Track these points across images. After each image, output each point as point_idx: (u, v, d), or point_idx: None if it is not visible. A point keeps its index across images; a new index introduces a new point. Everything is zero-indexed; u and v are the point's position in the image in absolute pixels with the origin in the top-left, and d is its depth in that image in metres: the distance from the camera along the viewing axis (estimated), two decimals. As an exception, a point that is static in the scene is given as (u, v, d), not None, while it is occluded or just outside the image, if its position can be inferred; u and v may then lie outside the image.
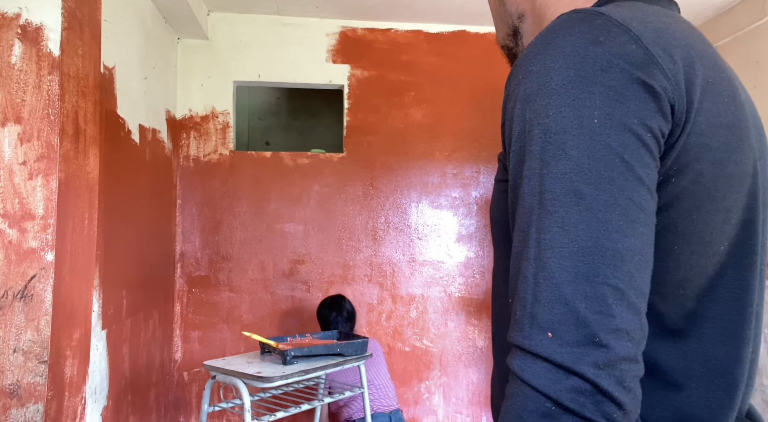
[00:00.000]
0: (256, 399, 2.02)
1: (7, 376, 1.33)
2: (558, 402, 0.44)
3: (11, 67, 1.37)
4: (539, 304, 0.46)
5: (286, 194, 2.87)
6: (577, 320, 0.45)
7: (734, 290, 0.53)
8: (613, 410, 0.44)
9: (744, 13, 2.65)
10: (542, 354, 0.45)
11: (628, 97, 0.47)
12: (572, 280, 0.45)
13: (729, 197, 0.52)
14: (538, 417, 0.45)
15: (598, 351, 0.44)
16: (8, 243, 1.35)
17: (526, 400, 0.46)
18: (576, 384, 0.44)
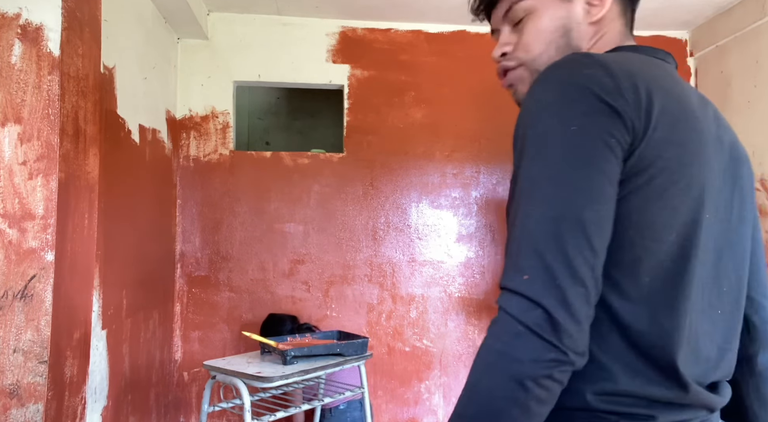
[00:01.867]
0: (256, 399, 2.02)
1: (7, 376, 1.32)
2: (526, 325, 0.61)
3: (11, 67, 1.37)
4: (521, 256, 0.64)
5: (286, 194, 2.87)
6: (545, 267, 0.62)
7: (678, 272, 0.69)
8: (564, 336, 0.60)
9: (744, 13, 2.65)
10: (518, 290, 0.63)
11: (598, 114, 0.65)
12: (544, 239, 0.63)
13: (676, 198, 0.67)
14: (511, 336, 0.62)
15: (557, 291, 0.61)
16: (8, 243, 1.35)
17: (505, 324, 0.63)
18: (539, 314, 0.61)
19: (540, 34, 0.84)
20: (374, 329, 2.89)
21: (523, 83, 0.86)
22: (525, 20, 0.85)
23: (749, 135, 2.65)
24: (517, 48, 0.85)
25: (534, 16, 0.84)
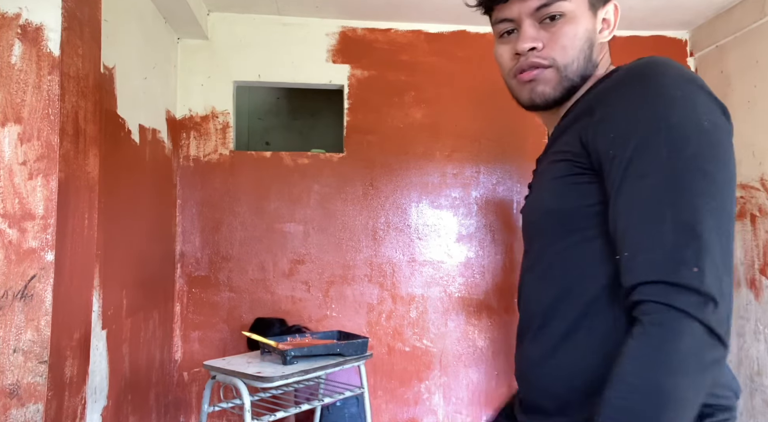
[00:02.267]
0: (256, 399, 2.02)
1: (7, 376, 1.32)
2: (703, 322, 0.61)
3: (11, 67, 1.37)
4: (686, 247, 0.63)
5: (286, 194, 2.87)
6: (712, 259, 0.62)
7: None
8: (727, 332, 0.62)
9: (744, 13, 2.65)
10: (688, 284, 0.61)
11: (719, 112, 0.72)
12: (710, 230, 0.63)
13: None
14: (692, 336, 0.61)
15: (721, 283, 0.62)
16: (8, 243, 1.34)
17: (682, 323, 0.61)
18: (712, 309, 0.61)
19: (576, 41, 0.84)
20: (374, 329, 2.89)
21: (547, 85, 0.85)
22: (561, 22, 0.83)
23: (749, 135, 2.65)
24: (551, 47, 0.84)
25: (572, 20, 0.83)
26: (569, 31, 0.83)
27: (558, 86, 0.85)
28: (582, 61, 0.85)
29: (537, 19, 0.84)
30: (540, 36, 0.84)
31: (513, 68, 0.88)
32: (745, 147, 2.67)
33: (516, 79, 0.88)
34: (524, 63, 0.85)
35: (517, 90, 0.89)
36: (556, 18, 0.83)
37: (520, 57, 0.86)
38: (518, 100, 0.91)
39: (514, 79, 0.89)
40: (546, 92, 0.85)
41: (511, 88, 0.91)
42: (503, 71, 0.91)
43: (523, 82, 0.87)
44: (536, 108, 0.88)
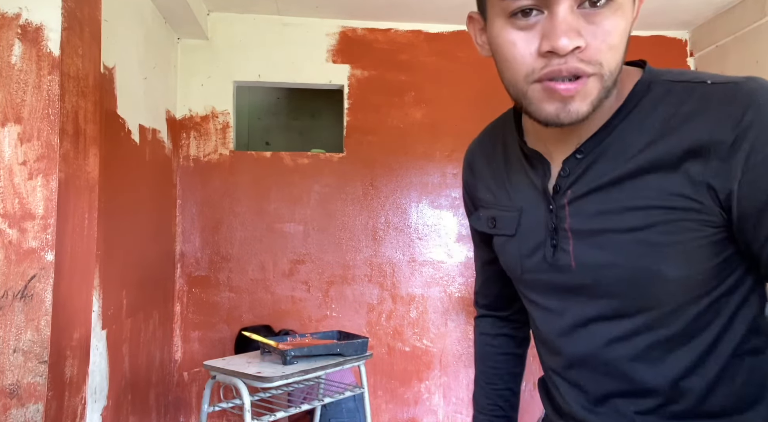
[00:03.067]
0: (256, 399, 2.02)
1: (7, 376, 1.33)
2: None
3: (11, 67, 1.37)
4: None
5: (286, 194, 2.87)
6: None
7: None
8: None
9: (744, 13, 2.65)
10: None
11: None
12: None
13: None
14: None
15: None
16: (8, 243, 1.35)
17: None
18: None
19: (624, 40, 0.63)
20: (374, 329, 2.89)
21: (585, 101, 0.62)
22: (608, 10, 0.60)
23: (749, 135, 2.65)
24: (598, 48, 0.61)
25: (621, 8, 0.61)
26: (619, 25, 0.61)
27: (596, 101, 0.63)
28: (622, 64, 0.65)
29: (577, 2, 0.60)
30: (582, 28, 0.60)
31: (538, 71, 0.62)
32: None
33: (543, 85, 0.62)
34: (562, 67, 0.60)
35: (537, 100, 0.64)
36: (600, 2, 0.60)
37: (553, 56, 0.60)
38: (532, 112, 0.65)
39: (536, 84, 0.63)
40: (581, 111, 0.63)
41: (523, 94, 0.65)
42: (513, 70, 0.64)
43: (553, 94, 0.62)
44: (558, 126, 0.65)
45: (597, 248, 0.68)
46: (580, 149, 0.70)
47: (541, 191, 0.74)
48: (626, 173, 0.66)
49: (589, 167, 0.69)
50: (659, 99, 0.67)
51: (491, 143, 0.88)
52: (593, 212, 0.68)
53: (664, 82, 0.68)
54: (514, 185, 0.80)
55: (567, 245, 0.71)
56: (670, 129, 0.64)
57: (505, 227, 0.80)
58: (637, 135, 0.66)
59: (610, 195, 0.67)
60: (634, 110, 0.67)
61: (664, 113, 0.65)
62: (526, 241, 0.77)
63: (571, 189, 0.70)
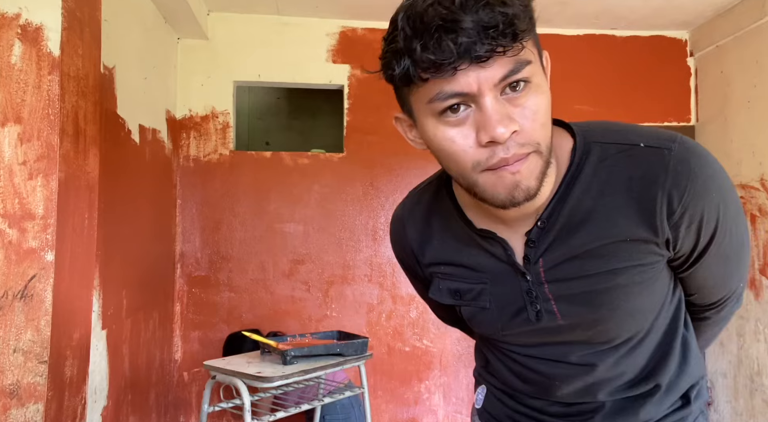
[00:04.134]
0: (256, 399, 2.02)
1: (7, 376, 1.33)
2: None
3: (11, 67, 1.37)
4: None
5: (286, 194, 2.87)
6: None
7: None
8: None
9: (744, 13, 2.65)
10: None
11: None
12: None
13: None
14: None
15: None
16: (8, 243, 1.35)
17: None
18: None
19: (548, 115, 0.67)
20: (374, 329, 2.88)
21: (531, 177, 0.66)
22: (527, 90, 0.64)
23: (749, 135, 2.65)
24: (529, 128, 0.64)
25: (538, 89, 0.65)
26: (541, 104, 0.65)
27: (540, 175, 0.67)
28: (551, 133, 0.69)
29: (499, 90, 0.63)
30: (511, 113, 0.63)
31: (485, 161, 0.64)
32: (745, 147, 2.67)
33: (494, 172, 0.65)
34: (508, 157, 0.63)
35: (489, 186, 0.66)
36: (519, 87, 0.63)
37: (496, 146, 0.63)
38: (487, 198, 0.68)
39: (485, 173, 0.65)
40: (531, 187, 0.66)
41: (474, 184, 0.67)
42: (458, 163, 0.66)
43: (503, 177, 0.65)
44: (513, 206, 0.68)
45: (580, 305, 0.77)
46: (542, 220, 0.75)
47: (508, 263, 0.79)
48: (598, 243, 0.74)
49: (558, 237, 0.75)
50: (598, 163, 0.74)
51: (427, 215, 0.89)
52: (572, 276, 0.76)
53: (596, 145, 0.74)
54: (471, 258, 0.83)
55: (550, 307, 0.78)
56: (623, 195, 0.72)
57: (474, 299, 0.83)
58: (589, 201, 0.74)
59: (587, 262, 0.75)
60: (580, 176, 0.74)
61: (606, 178, 0.73)
62: (503, 309, 0.82)
63: (543, 258, 0.77)
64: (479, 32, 0.58)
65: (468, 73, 0.61)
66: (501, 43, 0.59)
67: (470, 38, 0.58)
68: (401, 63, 0.65)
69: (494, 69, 0.61)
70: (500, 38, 0.59)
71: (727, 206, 0.75)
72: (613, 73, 3.02)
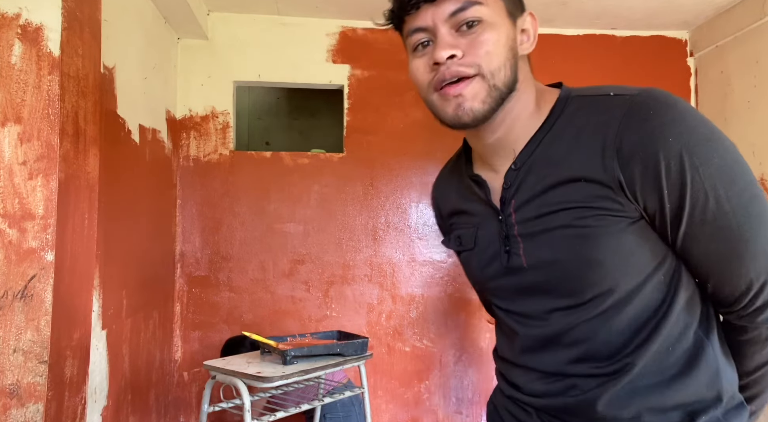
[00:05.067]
0: (256, 399, 2.02)
1: (7, 376, 1.33)
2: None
3: (11, 67, 1.37)
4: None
5: (286, 194, 2.87)
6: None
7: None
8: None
9: (744, 13, 2.65)
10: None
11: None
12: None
13: None
14: None
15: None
16: (8, 243, 1.35)
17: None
18: None
19: (499, 48, 0.78)
20: (374, 329, 2.89)
21: (475, 99, 0.78)
22: (480, 28, 0.77)
23: (749, 135, 2.65)
24: (474, 54, 0.77)
25: (491, 26, 0.78)
26: (491, 37, 0.77)
27: (487, 99, 0.78)
28: (509, 70, 0.79)
29: (453, 26, 0.78)
30: (459, 43, 0.77)
31: (432, 81, 0.79)
32: (745, 147, 2.67)
33: (438, 93, 0.79)
34: (446, 72, 0.77)
35: (439, 106, 0.80)
36: (474, 25, 0.77)
37: (440, 67, 0.78)
38: (441, 118, 0.82)
39: (435, 93, 0.80)
40: (475, 108, 0.78)
41: (431, 105, 0.82)
42: (421, 87, 0.82)
43: (447, 97, 0.79)
44: (463, 127, 0.81)
45: (542, 247, 0.80)
46: (515, 162, 0.83)
47: (488, 205, 0.87)
48: (557, 181, 0.78)
49: (526, 177, 0.82)
50: (573, 112, 0.80)
51: (450, 176, 1.03)
52: (534, 215, 0.80)
53: (575, 97, 0.82)
54: (470, 204, 0.92)
55: (518, 249, 0.83)
56: (585, 138, 0.77)
57: (466, 242, 0.92)
58: (559, 145, 0.80)
59: (546, 199, 0.79)
60: (556, 123, 0.81)
61: (578, 124, 0.79)
62: (483, 252, 0.89)
63: (515, 198, 0.83)
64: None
65: (426, 10, 0.78)
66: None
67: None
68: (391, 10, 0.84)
69: (445, 6, 0.77)
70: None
71: (699, 158, 0.71)
72: (613, 73, 3.02)
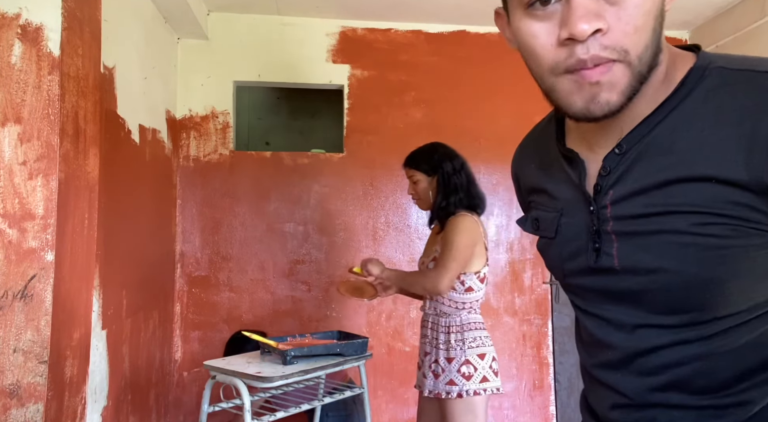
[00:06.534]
0: (256, 399, 2.02)
1: (7, 376, 1.33)
2: None
3: (11, 67, 1.37)
4: None
5: (286, 194, 2.87)
6: None
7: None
8: None
9: (744, 13, 2.65)
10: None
11: None
12: None
13: None
14: None
15: None
16: (8, 243, 1.35)
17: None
18: None
19: (650, 20, 0.57)
20: (374, 329, 2.88)
21: (614, 90, 0.58)
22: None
23: (749, 135, 2.65)
24: (621, 30, 0.56)
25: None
26: (642, 3, 0.56)
27: (627, 90, 0.58)
28: (655, 46, 0.59)
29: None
30: (604, 10, 0.56)
31: (563, 62, 0.58)
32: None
33: (572, 76, 0.59)
34: (586, 58, 0.56)
35: (565, 93, 0.60)
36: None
37: (575, 44, 0.56)
38: (563, 107, 0.61)
39: (564, 76, 0.59)
40: (612, 101, 0.58)
41: (551, 88, 0.61)
42: (538, 64, 0.61)
43: (581, 84, 0.58)
44: (592, 120, 0.61)
45: (642, 251, 0.63)
46: (620, 144, 0.64)
47: (580, 190, 0.69)
48: (676, 177, 0.61)
49: (632, 165, 0.64)
50: (713, 88, 0.60)
51: (534, 145, 0.84)
52: (637, 213, 0.64)
53: (720, 69, 0.61)
54: (555, 184, 0.75)
55: (611, 249, 0.66)
56: (725, 126, 0.58)
57: (546, 228, 0.76)
58: (684, 130, 0.61)
59: (656, 197, 0.62)
60: (685, 100, 0.61)
61: (716, 105, 0.59)
62: (566, 245, 0.73)
63: (613, 189, 0.65)
64: None
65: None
66: None
67: None
68: None
69: None
70: None
71: None
72: (613, 73, 3.01)
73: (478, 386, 1.85)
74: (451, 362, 1.89)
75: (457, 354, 1.89)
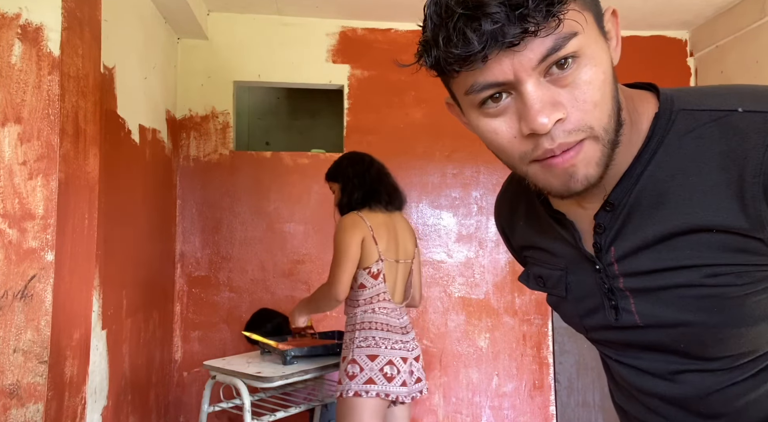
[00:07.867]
0: (256, 398, 2.02)
1: (7, 376, 1.32)
2: None
3: (11, 67, 1.37)
4: None
5: (286, 194, 2.87)
6: None
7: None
8: None
9: (744, 13, 2.65)
10: None
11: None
12: None
13: None
14: None
15: None
16: (8, 243, 1.34)
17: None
18: None
19: (606, 89, 0.57)
20: (374, 329, 2.88)
21: (589, 165, 0.57)
22: (576, 66, 0.55)
23: (749, 135, 2.65)
24: (580, 109, 0.55)
25: (590, 59, 0.55)
26: (594, 78, 0.55)
27: (602, 160, 0.58)
28: (617, 110, 0.59)
29: (542, 73, 0.55)
30: (559, 97, 0.55)
31: (531, 153, 0.58)
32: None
33: (540, 164, 0.59)
34: (554, 148, 0.56)
35: (542, 178, 0.60)
36: (567, 63, 0.54)
37: (539, 138, 0.56)
38: (543, 188, 0.61)
39: (534, 164, 0.59)
40: (590, 175, 0.58)
41: (525, 174, 0.62)
42: (508, 157, 0.62)
43: (554, 170, 0.58)
44: (573, 195, 0.60)
45: (663, 306, 0.63)
46: (609, 202, 0.64)
47: (579, 250, 0.70)
48: (677, 230, 0.60)
49: (627, 220, 0.64)
50: (685, 134, 0.60)
51: (515, 199, 0.83)
52: (648, 269, 0.63)
53: (684, 113, 0.61)
54: (549, 242, 0.75)
55: (628, 305, 0.66)
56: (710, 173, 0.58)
57: (554, 286, 0.75)
58: (670, 180, 0.61)
59: (663, 252, 0.62)
60: (659, 150, 0.61)
61: (694, 153, 0.59)
62: (580, 302, 0.72)
63: (614, 246, 0.65)
64: (507, 15, 0.51)
65: (501, 60, 0.54)
66: (532, 22, 0.51)
67: (497, 23, 0.51)
68: (431, 54, 0.60)
69: (530, 51, 0.53)
70: (531, 17, 0.51)
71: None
72: (613, 73, 3.02)
73: (360, 387, 1.72)
74: (344, 361, 1.81)
75: (347, 353, 1.81)
